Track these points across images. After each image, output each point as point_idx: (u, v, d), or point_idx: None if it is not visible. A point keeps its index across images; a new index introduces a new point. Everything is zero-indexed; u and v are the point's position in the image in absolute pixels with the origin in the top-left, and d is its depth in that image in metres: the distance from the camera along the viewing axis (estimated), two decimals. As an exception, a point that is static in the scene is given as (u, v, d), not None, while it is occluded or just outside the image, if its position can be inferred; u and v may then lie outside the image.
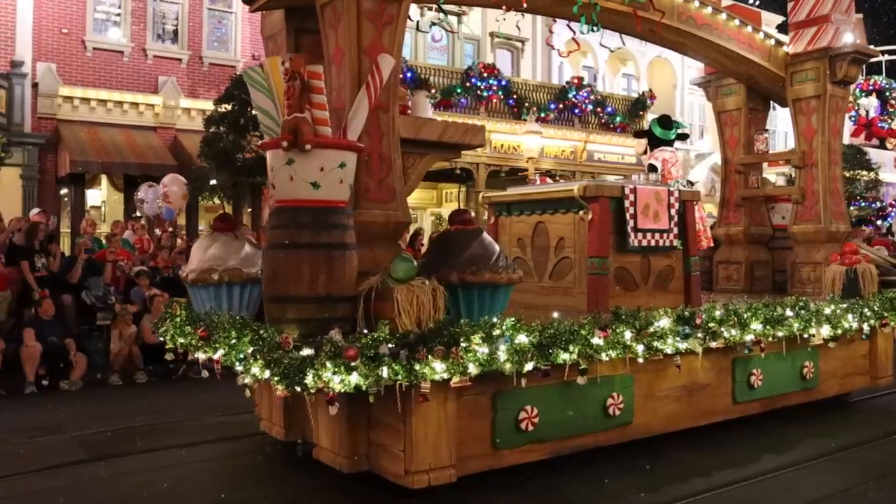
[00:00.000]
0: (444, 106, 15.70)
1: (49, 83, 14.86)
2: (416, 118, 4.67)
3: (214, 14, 17.13)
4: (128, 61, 15.96)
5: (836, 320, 5.97)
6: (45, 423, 6.10)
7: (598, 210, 5.37)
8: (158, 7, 16.42)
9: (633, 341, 4.63)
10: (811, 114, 7.18)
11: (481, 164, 16.55)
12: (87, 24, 15.58)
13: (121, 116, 15.56)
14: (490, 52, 20.49)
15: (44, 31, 15.02)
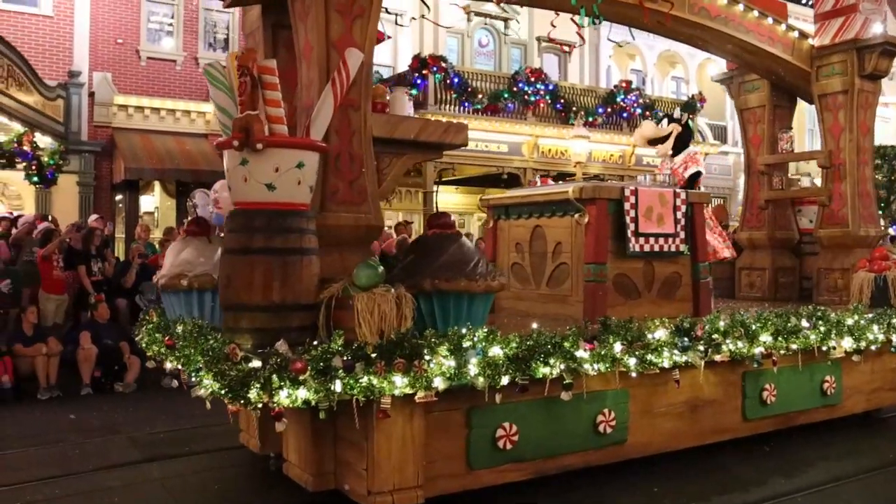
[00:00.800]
0: (490, 111, 15.70)
1: (105, 92, 15.21)
2: (391, 116, 4.43)
3: None
4: (180, 70, 16.31)
5: (859, 332, 5.52)
6: (100, 423, 6.32)
7: (594, 213, 5.05)
8: (210, 17, 16.69)
9: (624, 354, 4.30)
10: (838, 110, 6.72)
11: (528, 169, 16.37)
12: (141, 34, 15.93)
13: (173, 124, 15.88)
14: (537, 57, 20.45)
15: (100, 42, 15.40)
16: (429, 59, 15.37)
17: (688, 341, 4.53)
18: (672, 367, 4.52)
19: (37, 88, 13.46)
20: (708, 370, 4.90)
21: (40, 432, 5.97)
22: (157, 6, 16.14)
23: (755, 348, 4.90)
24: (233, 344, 3.45)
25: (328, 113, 3.90)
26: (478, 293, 4.11)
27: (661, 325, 4.50)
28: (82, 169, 14.90)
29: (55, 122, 13.95)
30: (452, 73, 15.26)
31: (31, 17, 14.83)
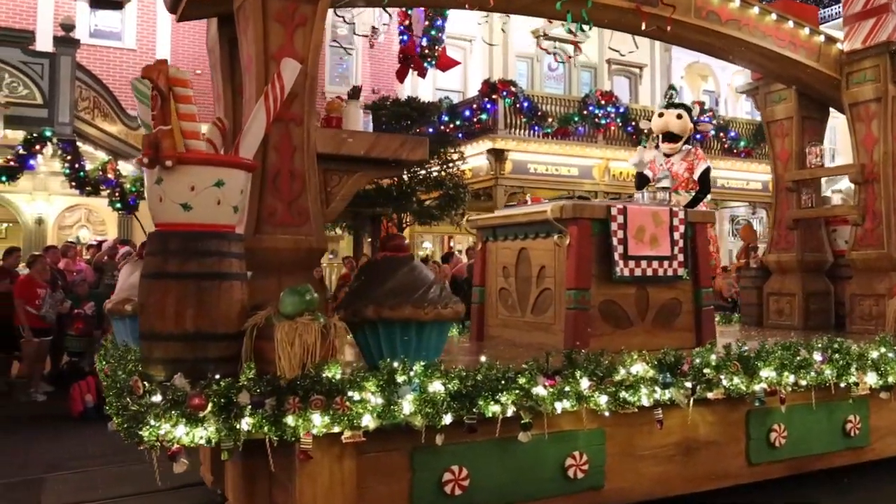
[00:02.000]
0: (561, 135, 15.69)
1: None
2: (339, 131, 4.14)
3: (336, 51, 17.94)
4: None
5: (886, 366, 4.91)
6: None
7: (576, 234, 4.63)
8: None
9: (594, 391, 3.86)
10: (871, 120, 6.11)
11: (599, 192, 16.30)
12: None
13: None
14: (607, 80, 20.30)
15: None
16: (498, 84, 15.58)
17: (670, 377, 4.05)
18: (654, 405, 4.06)
19: (120, 119, 13.92)
20: (703, 408, 4.42)
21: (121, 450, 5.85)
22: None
23: (755, 385, 4.37)
24: (136, 377, 3.20)
25: (260, 128, 3.65)
26: (427, 322, 3.77)
27: (640, 358, 4.04)
28: None
29: (137, 151, 14.34)
30: (522, 97, 15.39)
31: (116, 51, 15.58)
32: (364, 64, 18.15)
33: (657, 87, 21.23)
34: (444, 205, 13.53)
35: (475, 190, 15.73)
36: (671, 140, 5.72)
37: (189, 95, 3.35)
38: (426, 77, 11.75)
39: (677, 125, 5.68)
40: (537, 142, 15.77)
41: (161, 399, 3.06)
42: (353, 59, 18.27)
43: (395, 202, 13.09)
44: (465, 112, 16.02)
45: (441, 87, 18.51)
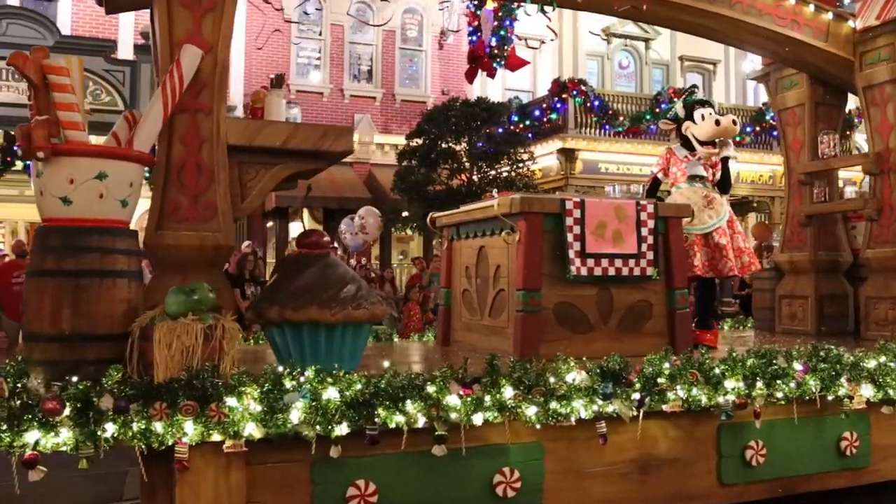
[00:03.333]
0: (633, 133, 15.43)
1: None
2: (252, 121, 3.91)
3: (406, 53, 18.35)
4: (327, 101, 17.40)
5: (886, 377, 4.36)
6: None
7: (525, 230, 4.27)
8: (354, 50, 17.78)
9: (520, 401, 3.51)
10: (886, 103, 5.52)
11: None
12: (290, 68, 17.05)
13: None
14: (680, 77, 19.97)
15: (253, 78, 16.70)
16: (568, 83, 15.45)
17: (611, 388, 3.65)
18: (596, 418, 3.67)
19: None
20: (665, 422, 4.00)
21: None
22: (305, 42, 17.43)
23: (720, 397, 3.92)
24: (0, 378, 3.03)
25: (156, 119, 3.47)
26: (336, 324, 3.51)
27: (578, 366, 3.67)
28: None
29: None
30: (593, 96, 15.19)
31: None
32: (433, 65, 18.37)
33: (731, 83, 20.78)
34: None
35: (545, 190, 15.54)
36: (713, 145, 5.14)
37: (66, 84, 3.17)
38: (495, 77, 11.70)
39: (733, 131, 5.09)
40: (608, 141, 15.53)
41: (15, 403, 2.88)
42: (422, 61, 18.42)
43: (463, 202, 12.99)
44: (535, 112, 15.92)
45: (510, 87, 18.50)
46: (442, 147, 13.99)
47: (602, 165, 15.77)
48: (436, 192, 13.52)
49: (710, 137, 5.05)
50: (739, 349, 4.22)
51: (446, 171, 14.00)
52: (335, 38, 17.59)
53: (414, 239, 18.30)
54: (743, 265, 5.05)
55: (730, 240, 4.98)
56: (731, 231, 5.02)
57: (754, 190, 16.85)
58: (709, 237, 4.98)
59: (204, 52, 3.66)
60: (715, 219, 4.96)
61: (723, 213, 5.00)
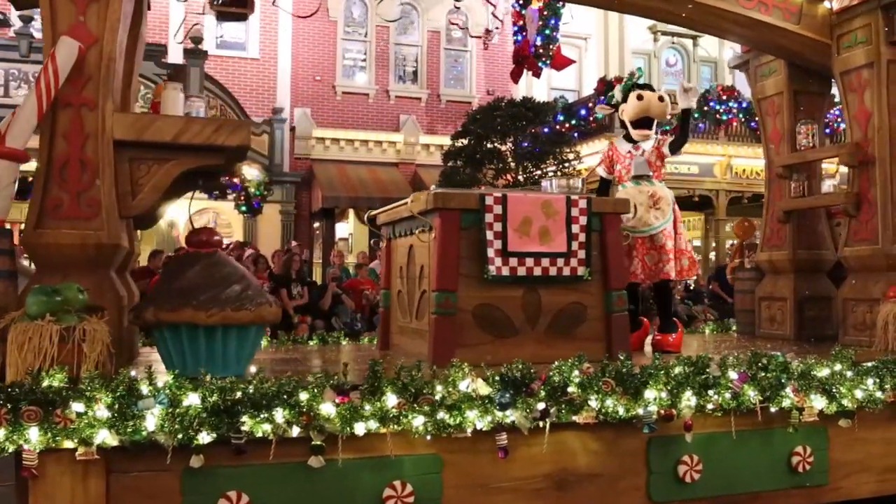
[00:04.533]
0: None
1: (304, 126, 16.73)
2: (140, 116, 3.77)
3: (451, 54, 18.54)
4: (372, 102, 17.68)
5: (842, 387, 3.98)
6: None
7: (440, 228, 4.02)
8: (400, 51, 18.03)
9: (409, 411, 3.27)
10: (863, 90, 5.09)
11: (721, 191, 16.15)
12: (337, 70, 17.41)
13: (366, 154, 17.06)
14: (728, 74, 19.64)
15: (300, 80, 16.84)
16: (614, 82, 14.95)
17: (509, 397, 3.38)
18: (496, 429, 3.40)
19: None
20: (585, 434, 3.71)
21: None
22: (351, 43, 17.65)
23: (639, 408, 3.61)
24: None
25: (30, 114, 3.35)
26: (214, 326, 3.32)
27: (474, 373, 3.40)
28: (284, 198, 16.38)
29: (261, 156, 15.17)
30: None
31: (241, 61, 16.50)
32: (478, 65, 18.47)
33: None
34: None
35: (591, 190, 15.23)
36: (646, 126, 4.84)
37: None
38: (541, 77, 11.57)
39: (658, 109, 4.79)
40: None
41: None
42: (467, 61, 18.52)
43: None
44: (581, 111, 15.75)
45: (556, 86, 18.46)
46: (487, 147, 13.96)
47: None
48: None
49: (635, 116, 4.76)
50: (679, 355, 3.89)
51: (492, 171, 13.94)
52: (380, 40, 17.68)
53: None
54: (682, 269, 4.71)
55: (675, 242, 4.67)
56: (674, 232, 4.70)
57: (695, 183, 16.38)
58: (654, 239, 4.67)
59: (88, 44, 3.53)
60: (661, 220, 4.65)
61: (669, 213, 4.67)
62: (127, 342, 3.80)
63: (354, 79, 17.67)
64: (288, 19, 16.35)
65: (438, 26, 18.28)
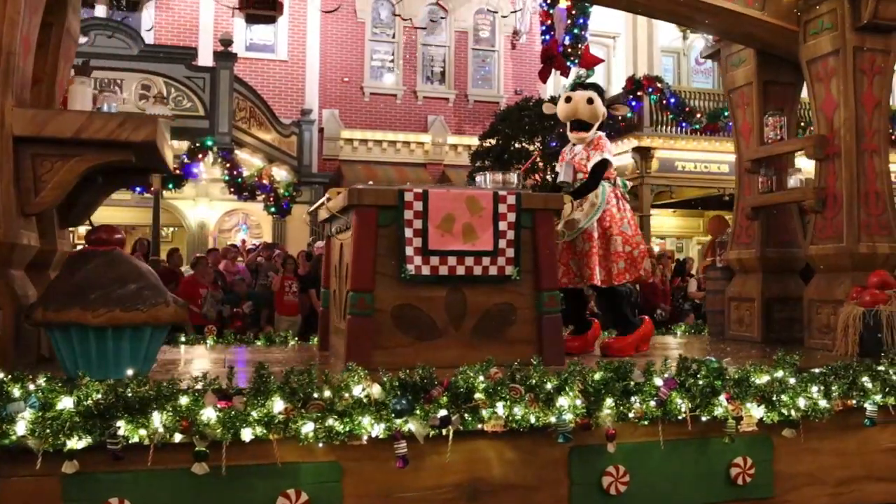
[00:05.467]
0: (711, 131, 15.14)
1: (332, 127, 16.92)
2: (40, 111, 3.64)
3: (479, 54, 18.51)
4: (400, 103, 17.81)
5: (785, 395, 3.74)
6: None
7: (356, 225, 3.87)
8: (427, 52, 18.11)
9: (297, 417, 3.13)
10: (830, 79, 4.80)
11: None
12: (364, 72, 17.56)
13: (394, 155, 17.16)
14: None
15: (328, 82, 17.02)
16: (643, 80, 15.14)
17: (406, 403, 3.21)
18: (394, 436, 3.24)
19: (274, 127, 14.81)
20: (500, 442, 3.52)
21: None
22: (379, 45, 17.76)
23: (552, 416, 3.41)
24: None
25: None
26: (104, 327, 3.22)
27: (366, 378, 3.25)
28: (313, 199, 16.55)
29: (290, 157, 15.37)
30: (668, 93, 14.98)
31: (270, 63, 16.74)
32: (506, 65, 18.46)
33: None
34: None
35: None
36: (580, 128, 4.66)
37: None
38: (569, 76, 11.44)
39: (587, 111, 4.62)
40: (685, 139, 15.13)
41: None
42: (495, 61, 18.47)
43: None
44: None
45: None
46: (515, 147, 13.90)
47: (679, 164, 15.35)
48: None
49: (564, 119, 4.56)
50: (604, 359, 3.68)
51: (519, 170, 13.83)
52: (408, 41, 17.73)
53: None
54: (617, 272, 4.48)
55: (600, 244, 4.46)
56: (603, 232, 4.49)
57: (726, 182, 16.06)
58: (576, 243, 4.48)
59: (-18, 37, 3.44)
60: (583, 221, 4.44)
61: (592, 215, 4.46)
62: (27, 343, 3.71)
63: (382, 80, 17.74)
64: (316, 21, 16.48)
65: (466, 26, 18.21)
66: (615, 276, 4.49)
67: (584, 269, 4.47)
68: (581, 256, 4.49)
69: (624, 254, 4.49)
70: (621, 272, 4.50)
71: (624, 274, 4.51)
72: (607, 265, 4.47)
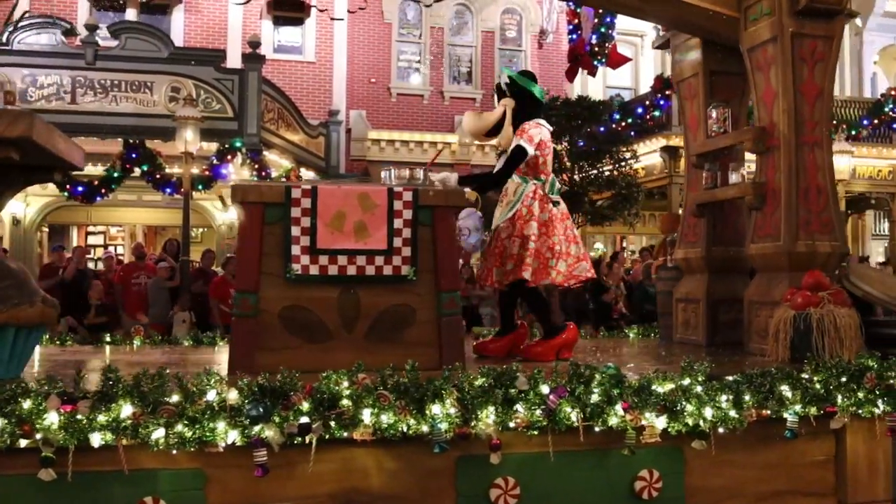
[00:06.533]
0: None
1: (360, 128, 17.00)
2: None
3: (505, 54, 18.45)
4: (427, 103, 17.77)
5: (690, 404, 3.50)
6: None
7: (240, 223, 3.72)
8: (454, 52, 18.13)
9: (147, 422, 2.99)
10: (769, 67, 4.52)
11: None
12: (391, 72, 17.56)
13: (421, 155, 17.34)
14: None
15: (355, 83, 17.27)
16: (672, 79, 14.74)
17: (261, 410, 3.05)
18: (248, 444, 3.08)
19: (302, 128, 14.88)
20: (379, 450, 3.35)
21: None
22: (405, 45, 17.78)
23: (423, 425, 3.22)
24: None
25: None
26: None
27: (221, 383, 3.09)
28: None
29: (317, 158, 15.46)
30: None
31: (297, 64, 16.94)
32: (533, 65, 18.44)
33: (847, 73, 19.30)
34: (617, 205, 12.98)
35: (649, 189, 15.08)
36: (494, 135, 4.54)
37: None
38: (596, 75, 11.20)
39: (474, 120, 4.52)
40: None
41: None
42: (522, 61, 18.38)
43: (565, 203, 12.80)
44: (638, 109, 15.34)
45: (612, 84, 18.32)
46: None
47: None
48: None
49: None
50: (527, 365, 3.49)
51: None
52: (435, 41, 17.73)
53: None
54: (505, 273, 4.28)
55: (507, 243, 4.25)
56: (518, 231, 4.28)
57: (872, 186, 15.87)
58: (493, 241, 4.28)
59: None
60: (498, 218, 4.24)
61: (506, 210, 4.25)
62: None
63: (409, 80, 17.76)
64: (343, 23, 16.51)
65: (492, 26, 18.13)
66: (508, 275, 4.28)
67: (507, 265, 4.26)
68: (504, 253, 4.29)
69: (534, 255, 4.27)
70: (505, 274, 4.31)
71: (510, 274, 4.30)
72: (519, 265, 4.25)
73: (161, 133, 11.07)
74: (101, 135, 11.30)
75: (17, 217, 15.02)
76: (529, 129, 4.38)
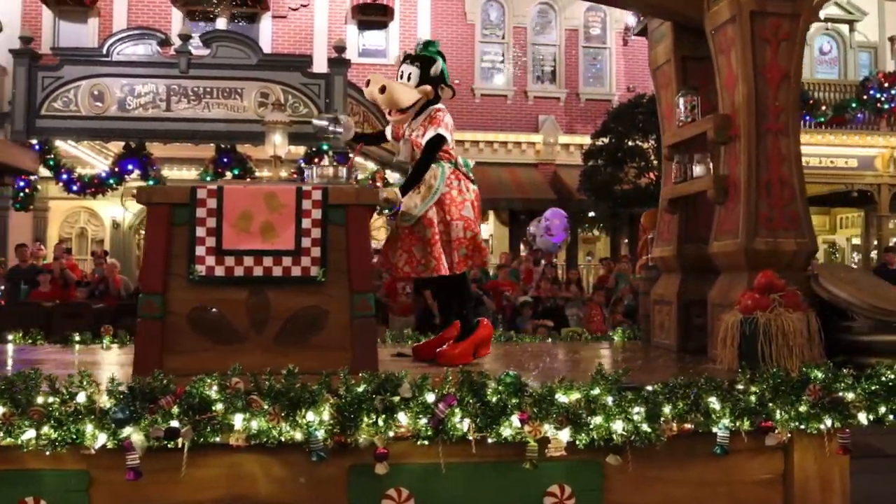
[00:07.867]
0: (836, 123, 14.77)
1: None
2: None
3: (589, 52, 18.45)
4: (511, 104, 17.91)
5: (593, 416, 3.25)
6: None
7: (147, 224, 3.71)
8: (538, 51, 18.27)
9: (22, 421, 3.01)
10: (730, 50, 4.15)
11: (884, 185, 15.52)
12: (475, 73, 17.87)
13: (505, 155, 17.44)
14: (890, 60, 18.58)
15: None
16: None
17: (127, 413, 3.01)
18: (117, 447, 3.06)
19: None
20: (266, 457, 3.28)
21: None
22: (489, 46, 18.07)
23: (298, 432, 3.11)
24: None
25: None
26: None
27: (91, 385, 3.08)
28: None
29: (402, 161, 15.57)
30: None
31: (382, 68, 17.43)
32: (618, 62, 18.18)
33: None
34: None
35: None
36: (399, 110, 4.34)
37: None
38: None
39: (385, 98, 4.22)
40: (809, 132, 14.45)
41: None
42: (606, 59, 18.26)
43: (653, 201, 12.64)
44: None
45: None
46: (629, 145, 13.65)
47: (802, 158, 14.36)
48: (623, 192, 13.23)
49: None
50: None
51: (634, 169, 13.63)
52: (518, 41, 17.69)
53: (600, 239, 18.13)
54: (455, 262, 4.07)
55: (441, 230, 4.05)
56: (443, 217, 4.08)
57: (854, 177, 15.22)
58: (416, 229, 4.08)
59: None
60: (420, 206, 4.05)
61: (429, 196, 4.05)
62: None
63: (492, 81, 17.79)
64: (427, 25, 16.64)
65: (576, 24, 17.85)
66: (457, 265, 4.08)
67: (428, 258, 4.08)
68: (423, 245, 4.10)
69: (466, 240, 4.09)
70: (462, 259, 4.09)
71: (466, 261, 4.11)
72: (449, 252, 4.07)
73: (251, 137, 11.37)
74: (195, 140, 11.73)
75: (116, 220, 15.82)
76: (443, 116, 4.28)
